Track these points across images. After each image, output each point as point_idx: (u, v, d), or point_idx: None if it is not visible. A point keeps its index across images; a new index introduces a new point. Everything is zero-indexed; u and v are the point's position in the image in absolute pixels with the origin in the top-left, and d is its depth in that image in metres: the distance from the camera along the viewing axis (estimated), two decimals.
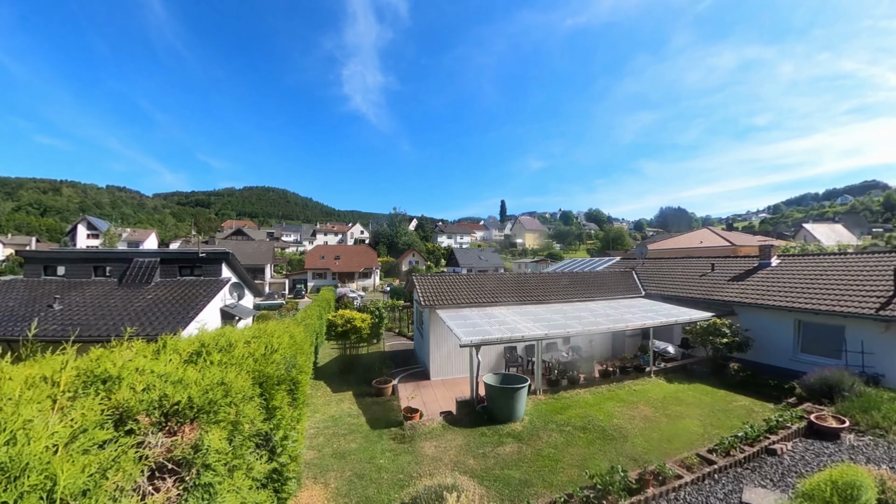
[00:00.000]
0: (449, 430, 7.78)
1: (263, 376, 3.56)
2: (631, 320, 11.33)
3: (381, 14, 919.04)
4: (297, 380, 5.20)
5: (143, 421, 2.38)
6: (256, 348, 4.35)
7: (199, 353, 3.66)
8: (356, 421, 8.83)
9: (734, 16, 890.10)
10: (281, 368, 4.22)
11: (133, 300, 14.14)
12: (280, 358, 4.40)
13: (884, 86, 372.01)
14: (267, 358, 4.03)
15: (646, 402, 9.78)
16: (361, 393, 11.27)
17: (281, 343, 5.11)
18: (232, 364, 3.43)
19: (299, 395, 5.48)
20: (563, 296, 14.50)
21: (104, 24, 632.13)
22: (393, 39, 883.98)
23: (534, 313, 11.78)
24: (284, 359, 4.78)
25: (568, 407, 9.27)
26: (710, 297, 14.70)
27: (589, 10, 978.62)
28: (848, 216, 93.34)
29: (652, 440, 7.77)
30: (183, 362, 3.43)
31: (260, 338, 5.10)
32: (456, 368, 12.80)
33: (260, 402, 3.33)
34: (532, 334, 9.11)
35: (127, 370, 2.61)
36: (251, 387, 3.16)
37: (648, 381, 11.62)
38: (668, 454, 7.14)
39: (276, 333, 5.74)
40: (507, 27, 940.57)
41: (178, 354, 3.43)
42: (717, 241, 33.88)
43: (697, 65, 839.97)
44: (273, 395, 3.61)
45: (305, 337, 8.93)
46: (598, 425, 8.32)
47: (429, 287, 13.47)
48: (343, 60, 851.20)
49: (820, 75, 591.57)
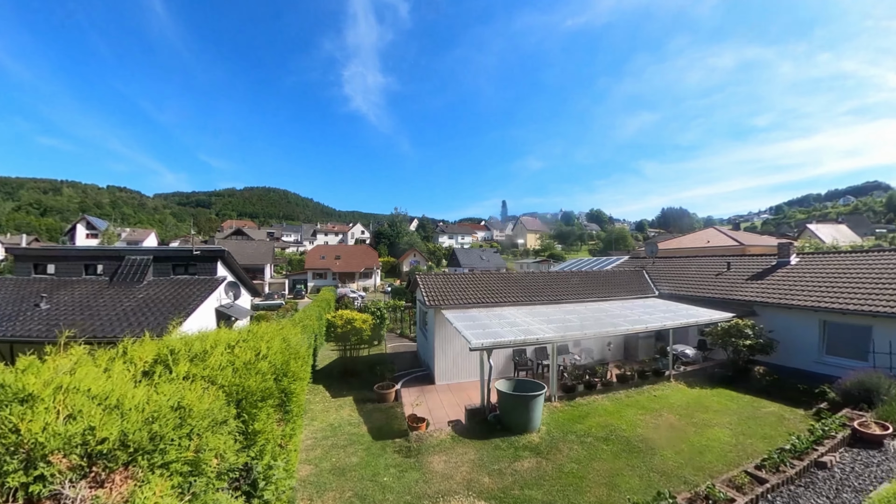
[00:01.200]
0: (459, 442, 7.06)
1: (243, 392, 2.86)
2: (649, 321, 10.63)
3: (382, 15, 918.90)
4: (289, 390, 4.50)
5: (58, 464, 1.68)
6: (241, 354, 3.66)
7: (164, 362, 2.97)
8: (357, 430, 8.12)
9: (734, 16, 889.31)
10: (268, 380, 3.52)
11: (123, 299, 13.47)
12: (268, 367, 3.71)
13: (884, 86, 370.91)
14: (251, 367, 3.33)
15: (669, 409, 9.12)
16: (362, 398, 10.56)
17: (271, 347, 4.41)
18: (202, 377, 2.74)
19: (292, 406, 4.78)
20: (575, 295, 13.79)
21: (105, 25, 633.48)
22: (393, 40, 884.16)
23: (546, 314, 11.08)
24: (274, 367, 4.08)
25: (586, 415, 8.55)
26: (729, 296, 14.02)
27: (589, 11, 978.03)
28: (851, 217, 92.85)
29: (682, 452, 7.10)
30: (140, 374, 2.74)
31: (248, 341, 4.41)
32: (462, 372, 12.09)
33: (236, 425, 2.63)
34: (547, 336, 8.42)
35: (49, 389, 1.92)
36: (224, 407, 2.46)
37: (668, 386, 10.93)
38: (702, 468, 6.49)
39: (268, 336, 5.03)
40: (506, 28, 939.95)
41: (134, 365, 2.74)
42: (724, 240, 33.15)
43: (697, 65, 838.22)
44: (255, 415, 2.91)
45: (303, 339, 8.23)
46: (621, 436, 7.62)
47: (433, 286, 12.77)
48: (343, 61, 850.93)
49: (820, 76, 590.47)
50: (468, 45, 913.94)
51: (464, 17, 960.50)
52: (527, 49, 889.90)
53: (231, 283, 16.28)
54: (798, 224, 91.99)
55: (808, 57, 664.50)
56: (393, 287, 52.98)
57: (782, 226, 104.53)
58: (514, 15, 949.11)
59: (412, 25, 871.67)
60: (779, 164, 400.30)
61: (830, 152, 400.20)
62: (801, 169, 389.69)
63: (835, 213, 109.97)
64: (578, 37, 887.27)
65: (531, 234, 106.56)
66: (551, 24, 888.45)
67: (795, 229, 79.26)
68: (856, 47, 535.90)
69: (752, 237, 39.39)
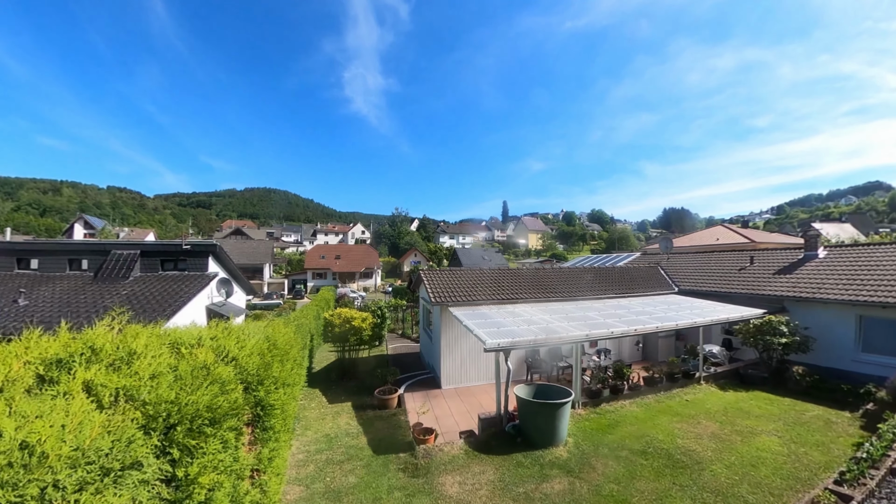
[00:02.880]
0: (475, 459, 6.06)
1: (179, 413, 1.90)
2: (679, 318, 9.65)
3: (382, 17, 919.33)
4: (267, 403, 3.52)
5: None
6: (193, 356, 2.70)
7: (68, 366, 2.01)
8: (355, 442, 7.13)
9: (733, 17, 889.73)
10: (232, 391, 2.57)
11: (105, 296, 12.51)
12: (233, 373, 2.75)
13: (884, 87, 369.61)
14: (203, 374, 2.38)
15: (706, 416, 8.18)
16: (362, 404, 9.58)
17: (244, 347, 3.44)
18: (118, 390, 1.79)
19: (273, 422, 3.79)
20: (592, 292, 12.80)
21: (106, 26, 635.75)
22: (394, 42, 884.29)
23: (564, 311, 10.10)
24: (244, 373, 3.12)
25: (616, 424, 7.56)
26: (755, 291, 13.12)
27: (588, 12, 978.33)
28: (855, 216, 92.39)
29: (733, 466, 6.19)
30: (29, 381, 1.78)
31: (217, 339, 3.44)
32: (471, 375, 11.10)
33: (159, 467, 1.67)
34: (572, 335, 7.44)
35: None
36: (135, 439, 1.51)
37: (699, 389, 9.98)
38: (760, 485, 5.62)
39: (246, 334, 4.05)
40: (506, 30, 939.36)
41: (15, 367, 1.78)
42: (734, 238, 32.17)
43: (697, 66, 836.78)
44: (196, 448, 1.94)
45: (295, 339, 7.25)
46: (660, 448, 6.65)
47: (439, 282, 11.79)
48: (344, 63, 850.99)
49: (820, 77, 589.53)
50: (468, 46, 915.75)
51: (464, 19, 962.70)
52: (527, 51, 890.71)
53: (223, 279, 15.32)
54: (801, 223, 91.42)
55: (807, 58, 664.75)
56: (394, 287, 52.02)
57: (785, 225, 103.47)
58: (514, 17, 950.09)
59: (412, 27, 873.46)
60: (779, 165, 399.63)
61: (830, 153, 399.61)
62: (801, 170, 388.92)
63: (837, 213, 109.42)
64: (578, 38, 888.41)
65: (533, 235, 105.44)
66: (551, 26, 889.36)
67: (799, 229, 78.56)
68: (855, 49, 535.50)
69: (762, 234, 38.38)
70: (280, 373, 4.40)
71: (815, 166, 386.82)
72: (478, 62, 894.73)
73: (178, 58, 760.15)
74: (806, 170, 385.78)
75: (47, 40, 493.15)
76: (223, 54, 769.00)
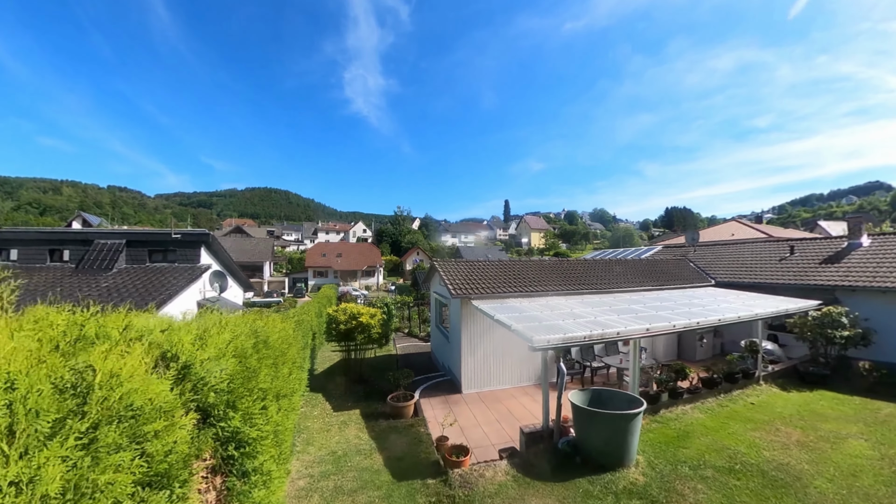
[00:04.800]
0: (529, 488, 4.67)
1: None
2: (734, 310, 8.29)
3: (383, 19, 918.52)
4: (247, 438, 2.19)
5: None
6: (109, 366, 1.39)
7: None
8: (369, 463, 5.79)
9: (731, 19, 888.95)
10: (171, 433, 1.27)
11: (81, 289, 11.20)
12: (172, 396, 1.45)
13: (883, 88, 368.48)
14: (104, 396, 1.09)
15: (781, 421, 7.09)
16: (372, 412, 8.26)
17: (208, 347, 2.11)
18: None
19: (260, 461, 2.46)
20: (627, 284, 11.45)
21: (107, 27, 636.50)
22: (394, 43, 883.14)
23: (605, 303, 8.77)
24: (204, 391, 1.80)
25: (685, 435, 6.24)
26: (803, 281, 12.03)
27: (587, 14, 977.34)
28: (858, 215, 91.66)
29: (835, 479, 5.10)
30: None
31: (171, 331, 2.12)
32: (495, 378, 9.78)
33: None
34: (630, 329, 6.12)
35: None
36: None
37: (760, 390, 8.75)
38: (869, 496, 4.69)
39: (220, 326, 2.73)
40: (506, 31, 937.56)
41: None
42: (750, 233, 30.98)
43: (696, 67, 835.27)
44: None
45: (295, 336, 5.91)
46: (748, 463, 5.43)
47: (459, 274, 10.45)
48: (345, 64, 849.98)
49: (819, 77, 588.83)
50: (469, 48, 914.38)
51: (464, 20, 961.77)
52: (526, 52, 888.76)
53: (217, 272, 14.01)
54: (805, 223, 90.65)
55: (805, 59, 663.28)
56: (397, 285, 50.71)
57: (788, 224, 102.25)
58: (514, 18, 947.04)
59: (413, 28, 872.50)
60: (779, 166, 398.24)
61: (830, 153, 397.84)
62: (801, 170, 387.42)
63: (840, 212, 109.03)
64: (577, 40, 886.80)
65: (535, 233, 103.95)
66: (550, 28, 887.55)
67: (803, 227, 77.47)
68: (853, 50, 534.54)
69: (777, 230, 37.04)
70: (272, 382, 3.06)
71: (815, 167, 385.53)
72: (478, 63, 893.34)
73: (179, 59, 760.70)
74: (806, 170, 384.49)
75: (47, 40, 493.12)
76: (224, 55, 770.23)
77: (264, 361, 3.18)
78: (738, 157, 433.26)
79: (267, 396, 3.02)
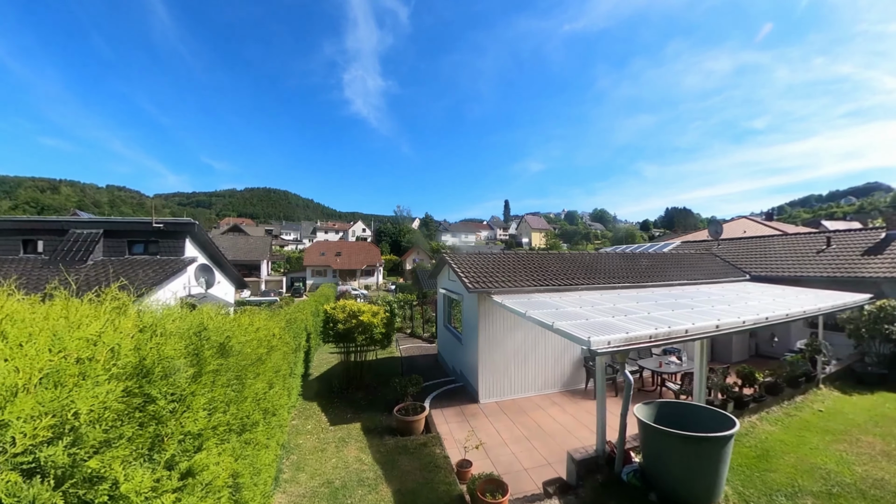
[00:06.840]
0: None
1: None
2: (791, 305, 7.06)
3: (382, 20, 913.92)
4: None
5: None
6: None
7: None
8: (374, 498, 4.56)
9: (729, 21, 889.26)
10: None
11: (48, 283, 9.97)
12: None
13: (880, 89, 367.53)
14: None
15: (858, 429, 6.06)
16: (376, 426, 7.02)
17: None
18: None
19: None
20: (660, 278, 10.22)
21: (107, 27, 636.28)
22: (393, 45, 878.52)
23: (647, 298, 7.55)
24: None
25: (766, 454, 5.04)
26: (845, 275, 10.98)
27: (586, 16, 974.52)
28: (858, 216, 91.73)
29: None
30: None
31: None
32: (518, 384, 8.55)
33: None
34: (699, 326, 4.90)
35: None
36: None
37: (821, 394, 7.61)
38: None
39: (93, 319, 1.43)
40: (505, 33, 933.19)
41: None
42: (762, 229, 29.91)
43: (694, 69, 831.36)
44: None
45: (283, 338, 4.68)
46: (843, 483, 4.33)
47: (472, 266, 9.21)
48: (344, 65, 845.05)
49: (816, 79, 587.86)
50: (467, 49, 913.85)
51: (462, 22, 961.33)
52: (525, 53, 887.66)
53: (203, 266, 12.76)
54: (806, 223, 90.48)
55: (802, 61, 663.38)
56: (398, 285, 49.46)
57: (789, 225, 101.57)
58: (512, 20, 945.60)
59: (412, 30, 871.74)
60: (777, 167, 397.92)
61: (828, 154, 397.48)
62: (799, 171, 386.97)
63: (840, 213, 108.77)
64: (576, 41, 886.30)
65: (536, 233, 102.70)
66: (549, 30, 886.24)
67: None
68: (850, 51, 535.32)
69: (789, 227, 35.95)
70: (230, 409, 1.83)
71: (813, 168, 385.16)
72: (477, 64, 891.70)
73: (179, 59, 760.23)
74: (804, 171, 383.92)
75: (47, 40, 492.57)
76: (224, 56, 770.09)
77: (216, 377, 1.93)
78: (736, 158, 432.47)
79: (213, 436, 1.78)
